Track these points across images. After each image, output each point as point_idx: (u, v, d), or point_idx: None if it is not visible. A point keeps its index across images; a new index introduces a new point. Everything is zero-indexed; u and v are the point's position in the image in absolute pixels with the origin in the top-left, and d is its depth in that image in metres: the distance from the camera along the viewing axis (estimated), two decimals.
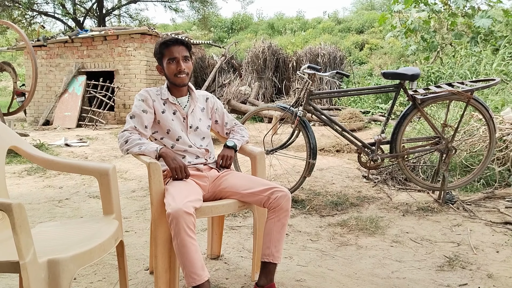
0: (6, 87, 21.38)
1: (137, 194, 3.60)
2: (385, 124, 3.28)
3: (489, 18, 7.71)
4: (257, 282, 1.82)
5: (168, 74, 1.96)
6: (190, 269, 1.58)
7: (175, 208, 1.57)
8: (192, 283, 1.58)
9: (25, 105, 5.64)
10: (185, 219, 1.56)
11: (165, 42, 1.93)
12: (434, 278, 2.04)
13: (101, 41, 9.92)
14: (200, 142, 2.03)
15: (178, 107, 2.00)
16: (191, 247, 1.57)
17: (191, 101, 2.04)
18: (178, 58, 1.91)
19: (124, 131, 1.91)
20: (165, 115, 1.97)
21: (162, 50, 1.93)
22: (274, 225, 1.81)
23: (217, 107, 2.15)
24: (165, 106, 1.99)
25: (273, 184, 1.85)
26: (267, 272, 1.81)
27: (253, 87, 10.40)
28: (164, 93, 2.00)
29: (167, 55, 1.92)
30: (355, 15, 20.76)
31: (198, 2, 17.98)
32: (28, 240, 1.18)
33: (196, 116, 2.04)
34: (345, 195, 3.40)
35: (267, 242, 1.82)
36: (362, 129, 7.30)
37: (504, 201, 3.13)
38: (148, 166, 1.75)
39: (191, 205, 1.62)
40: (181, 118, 2.00)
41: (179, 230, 1.56)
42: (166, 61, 1.93)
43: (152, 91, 2.01)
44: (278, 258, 1.81)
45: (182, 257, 1.58)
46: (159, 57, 1.97)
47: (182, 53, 1.92)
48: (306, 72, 3.25)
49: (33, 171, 4.42)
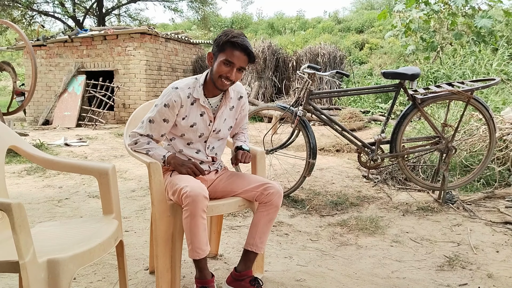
0: (5, 86, 21.39)
1: (137, 194, 3.60)
2: (385, 123, 3.28)
3: (490, 18, 7.72)
4: (235, 267, 1.89)
5: (214, 71, 1.80)
6: (196, 244, 1.68)
7: (195, 191, 1.64)
8: (196, 257, 1.71)
9: (24, 104, 5.64)
10: (203, 203, 1.65)
11: (234, 43, 1.74)
12: (434, 278, 2.04)
13: (100, 40, 9.92)
14: (215, 144, 1.98)
15: (207, 110, 1.88)
16: (201, 226, 1.67)
17: (224, 100, 1.91)
18: (235, 65, 1.76)
19: (138, 133, 1.88)
20: (185, 122, 1.86)
21: (226, 46, 1.76)
22: (262, 218, 1.86)
23: (244, 108, 2.05)
24: (193, 106, 1.86)
25: (266, 180, 1.88)
26: (247, 259, 1.89)
27: (253, 87, 10.40)
28: (198, 91, 1.85)
29: (228, 55, 1.76)
30: (355, 15, 20.75)
31: (198, 2, 17.98)
32: (27, 240, 1.18)
33: (222, 118, 1.94)
34: (345, 195, 3.40)
35: (253, 232, 1.88)
36: (362, 128, 7.30)
37: (504, 201, 3.13)
38: (148, 166, 1.75)
39: (206, 189, 1.71)
40: (208, 121, 1.90)
41: (196, 213, 1.64)
42: (222, 59, 1.77)
43: (184, 91, 1.84)
44: (261, 248, 1.88)
45: (193, 235, 1.67)
46: (218, 48, 1.79)
47: (241, 63, 1.77)
48: (306, 72, 3.25)
49: (32, 171, 4.41)
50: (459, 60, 7.76)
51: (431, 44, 8.66)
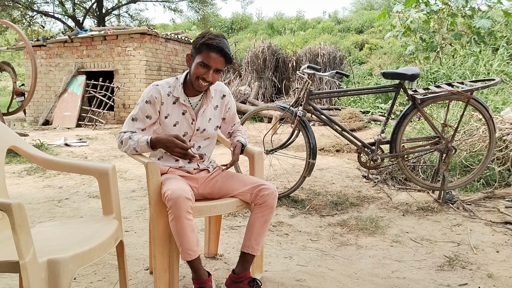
0: (5, 87, 21.39)
1: (136, 194, 3.60)
2: (385, 124, 3.28)
3: (489, 18, 7.72)
4: (233, 269, 1.89)
5: (192, 72, 1.83)
6: (186, 246, 1.68)
7: (176, 193, 1.63)
8: (188, 258, 1.70)
9: (24, 105, 5.63)
10: (186, 204, 1.64)
11: (210, 45, 1.75)
12: (434, 278, 2.04)
13: (100, 41, 9.92)
14: (201, 143, 1.99)
15: (188, 109, 1.91)
16: (188, 228, 1.66)
17: (204, 99, 1.93)
18: (211, 67, 1.78)
19: (122, 132, 1.90)
20: (168, 121, 1.89)
21: (203, 48, 1.77)
22: (258, 219, 1.86)
23: (230, 106, 2.06)
24: (175, 105, 1.90)
25: (261, 181, 1.88)
26: (244, 261, 1.88)
27: (253, 87, 10.40)
28: (178, 90, 1.89)
29: (204, 57, 1.77)
30: (354, 15, 20.74)
31: (197, 2, 17.98)
32: (28, 240, 1.18)
33: (205, 117, 1.95)
34: (345, 195, 3.40)
35: (248, 234, 1.88)
36: (362, 129, 7.30)
37: (504, 201, 3.13)
38: (146, 166, 1.75)
39: (190, 191, 1.71)
40: (190, 120, 1.92)
41: (180, 215, 1.63)
42: (198, 61, 1.78)
43: (164, 89, 1.88)
44: (257, 250, 1.88)
45: (180, 237, 1.67)
46: (196, 50, 1.81)
47: (217, 65, 1.78)
48: (306, 72, 3.25)
49: (32, 171, 4.41)
50: (459, 61, 7.77)
51: (430, 44, 8.66)
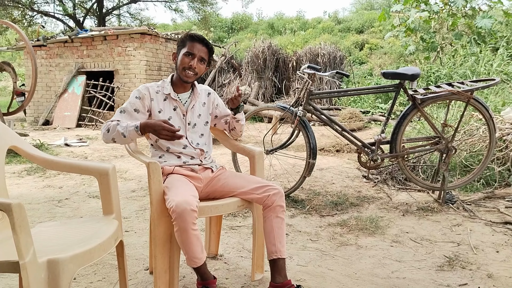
0: (6, 87, 21.40)
1: (137, 194, 3.60)
2: (385, 124, 3.28)
3: (491, 18, 7.72)
4: (272, 280, 1.81)
5: (178, 65, 1.95)
6: (191, 254, 1.69)
7: (180, 207, 1.61)
8: (194, 265, 1.73)
9: (24, 105, 5.64)
10: (191, 216, 1.62)
11: (192, 36, 1.94)
12: (434, 278, 2.04)
13: (101, 41, 9.92)
14: (198, 140, 2.03)
15: (179, 103, 1.99)
16: (193, 238, 1.65)
17: (193, 96, 2.04)
18: (195, 56, 1.92)
19: (108, 121, 1.90)
20: (162, 115, 1.96)
21: (186, 41, 1.94)
22: (274, 221, 1.85)
23: (218, 103, 2.16)
24: (166, 102, 1.98)
25: (266, 182, 1.88)
26: (280, 268, 1.82)
27: (253, 87, 10.40)
28: (166, 88, 1.99)
29: (188, 48, 1.93)
30: (355, 15, 20.75)
31: (198, 2, 17.98)
32: (27, 240, 1.18)
33: (195, 112, 2.04)
34: (345, 195, 3.40)
35: (271, 239, 1.84)
36: (362, 129, 7.31)
37: (504, 201, 3.13)
38: (147, 166, 1.74)
39: (195, 201, 1.68)
40: (181, 115, 2.00)
41: (185, 227, 1.62)
42: (183, 53, 1.93)
43: (153, 87, 1.99)
44: (284, 252, 1.84)
45: (186, 247, 1.68)
46: (179, 46, 1.97)
47: (201, 53, 1.93)
48: (306, 72, 3.25)
49: (33, 171, 4.41)
50: (459, 61, 7.77)
51: (431, 44, 8.66)
